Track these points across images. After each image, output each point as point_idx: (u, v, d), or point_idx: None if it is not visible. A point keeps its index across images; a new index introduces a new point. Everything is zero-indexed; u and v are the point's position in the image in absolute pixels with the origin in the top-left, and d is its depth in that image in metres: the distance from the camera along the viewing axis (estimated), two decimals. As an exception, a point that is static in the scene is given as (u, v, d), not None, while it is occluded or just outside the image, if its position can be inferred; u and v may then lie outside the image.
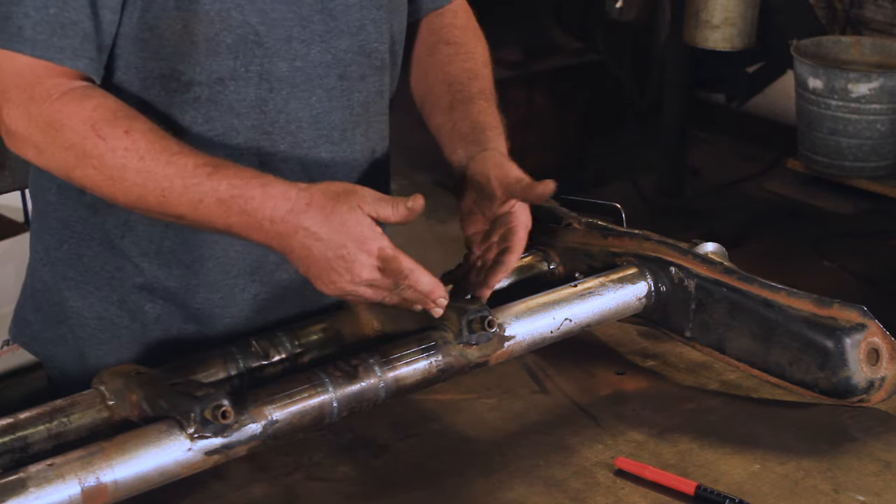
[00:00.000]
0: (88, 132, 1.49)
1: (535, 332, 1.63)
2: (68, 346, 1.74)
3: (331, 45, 1.63)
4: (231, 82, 1.58)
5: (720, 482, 1.50)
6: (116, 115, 1.50)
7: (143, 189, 1.49)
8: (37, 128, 1.50)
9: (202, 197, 1.48)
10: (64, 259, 1.71)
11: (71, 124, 1.49)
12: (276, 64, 1.59)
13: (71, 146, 1.50)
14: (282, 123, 1.62)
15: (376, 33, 1.68)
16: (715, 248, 1.75)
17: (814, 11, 5.26)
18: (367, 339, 1.63)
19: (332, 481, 1.52)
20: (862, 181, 4.83)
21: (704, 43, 4.85)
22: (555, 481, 1.51)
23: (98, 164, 1.49)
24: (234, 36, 1.56)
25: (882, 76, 4.67)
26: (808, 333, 1.62)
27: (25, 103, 1.50)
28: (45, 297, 1.75)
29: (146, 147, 1.49)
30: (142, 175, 1.49)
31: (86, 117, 1.49)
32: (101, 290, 1.69)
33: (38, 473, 1.30)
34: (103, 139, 1.49)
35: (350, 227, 1.47)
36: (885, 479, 1.52)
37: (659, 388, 1.73)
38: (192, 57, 1.56)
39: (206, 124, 1.59)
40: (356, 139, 1.69)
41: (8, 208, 3.53)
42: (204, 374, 1.55)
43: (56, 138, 1.50)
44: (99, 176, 1.50)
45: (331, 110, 1.65)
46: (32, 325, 1.78)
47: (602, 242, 1.80)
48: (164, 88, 1.57)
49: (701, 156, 5.41)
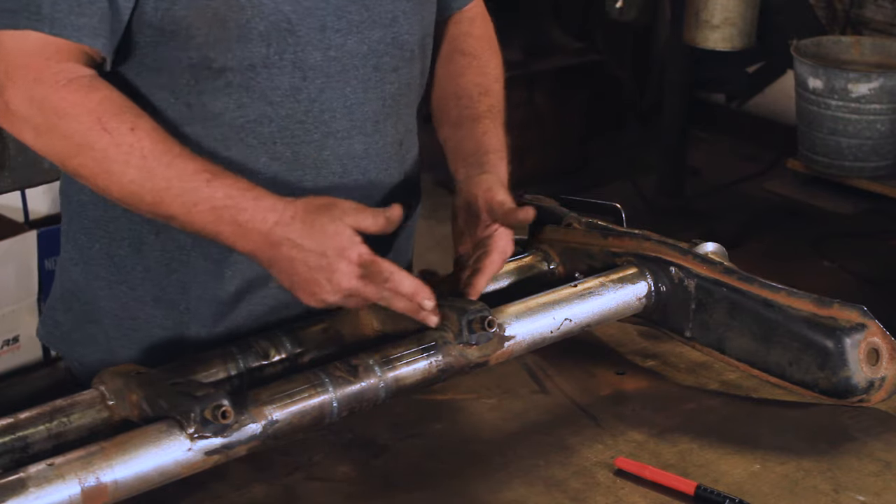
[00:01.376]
0: (94, 124, 1.50)
1: (535, 332, 1.63)
2: (99, 346, 1.74)
3: (366, 35, 1.64)
4: (263, 70, 1.59)
5: (720, 482, 1.50)
6: (122, 111, 1.52)
7: (139, 187, 1.51)
8: (39, 111, 1.51)
9: (197, 202, 1.50)
10: (96, 259, 1.71)
11: (75, 113, 1.50)
12: (309, 53, 1.60)
13: (72, 135, 1.50)
14: (315, 112, 1.63)
15: (407, 25, 1.69)
16: (715, 248, 1.75)
17: (814, 11, 5.26)
18: (367, 339, 1.63)
19: (332, 481, 1.52)
20: (862, 181, 4.83)
21: (704, 43, 4.85)
22: (555, 481, 1.51)
23: (99, 157, 1.50)
24: (266, 23, 1.57)
25: (882, 76, 4.67)
26: (808, 333, 1.62)
27: (30, 85, 1.50)
28: (77, 297, 1.76)
29: (150, 146, 1.50)
30: (142, 173, 1.50)
31: (92, 108, 1.50)
32: (134, 290, 1.70)
33: (38, 473, 1.30)
34: (108, 133, 1.50)
35: (330, 236, 1.49)
36: (885, 479, 1.52)
37: (659, 388, 1.73)
38: (224, 44, 1.56)
39: (239, 110, 1.60)
40: (387, 130, 1.71)
41: (8, 208, 3.53)
42: (204, 374, 1.55)
43: (58, 125, 1.51)
44: (97, 168, 1.51)
45: (365, 101, 1.66)
46: (62, 325, 1.78)
47: (602, 242, 1.80)
48: (194, 77, 1.58)
49: (701, 156, 5.41)
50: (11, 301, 3.33)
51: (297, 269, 1.50)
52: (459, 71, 1.84)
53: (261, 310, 1.70)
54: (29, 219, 3.61)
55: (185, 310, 1.69)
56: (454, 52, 1.86)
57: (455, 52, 1.86)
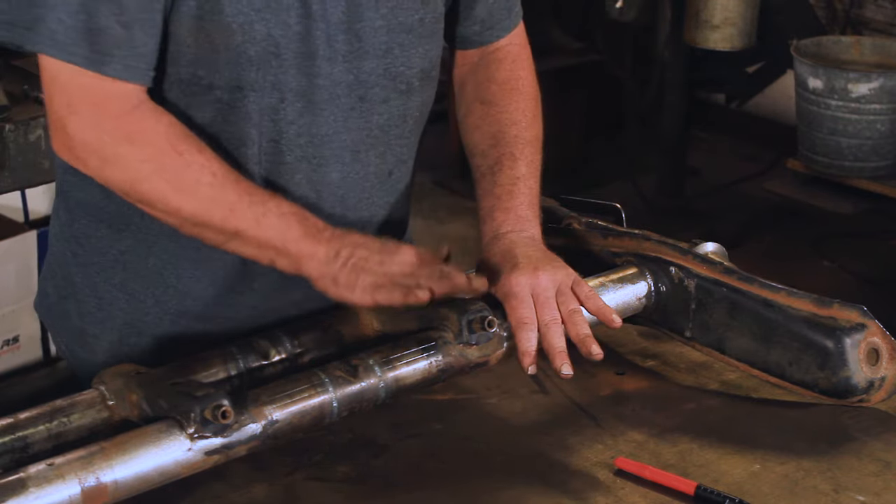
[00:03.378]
0: (166, 147, 1.54)
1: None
2: (72, 322, 1.77)
3: (353, 65, 1.63)
4: (250, 92, 1.59)
5: (720, 482, 1.50)
6: (188, 134, 1.56)
7: (211, 203, 1.54)
8: (110, 140, 1.54)
9: (265, 212, 1.54)
10: (75, 237, 1.74)
11: (148, 138, 1.54)
12: (291, 76, 1.60)
13: (147, 159, 1.54)
14: (291, 135, 1.63)
15: (403, 57, 1.67)
16: (715, 248, 1.75)
17: (814, 11, 5.26)
18: (367, 339, 1.63)
19: (332, 481, 1.52)
20: (862, 181, 4.83)
21: (704, 43, 4.85)
22: (555, 481, 1.51)
23: (172, 178, 1.54)
24: (257, 48, 1.57)
25: (882, 76, 4.67)
26: (808, 333, 1.62)
27: (95, 115, 1.53)
28: (57, 270, 1.79)
29: (218, 166, 1.55)
30: (214, 189, 1.54)
31: (161, 132, 1.54)
32: (105, 272, 1.72)
33: (38, 473, 1.30)
34: (180, 154, 1.54)
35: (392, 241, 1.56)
36: (885, 479, 1.52)
37: (659, 388, 1.73)
38: (213, 65, 1.57)
39: (225, 125, 1.61)
40: (370, 161, 1.69)
41: (8, 208, 3.53)
42: (204, 374, 1.55)
43: (129, 151, 1.54)
44: (169, 189, 1.54)
45: (345, 130, 1.66)
46: (49, 296, 1.82)
47: (602, 242, 1.80)
48: (183, 92, 1.60)
49: (701, 156, 5.41)
50: (11, 301, 3.33)
51: (358, 255, 1.53)
52: (476, 123, 1.82)
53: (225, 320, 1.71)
54: (29, 219, 3.61)
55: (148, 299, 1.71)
56: (474, 102, 1.84)
57: (475, 102, 1.83)
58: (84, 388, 1.50)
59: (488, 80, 1.83)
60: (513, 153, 1.76)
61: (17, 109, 2.69)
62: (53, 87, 1.54)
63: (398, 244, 1.55)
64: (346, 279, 1.52)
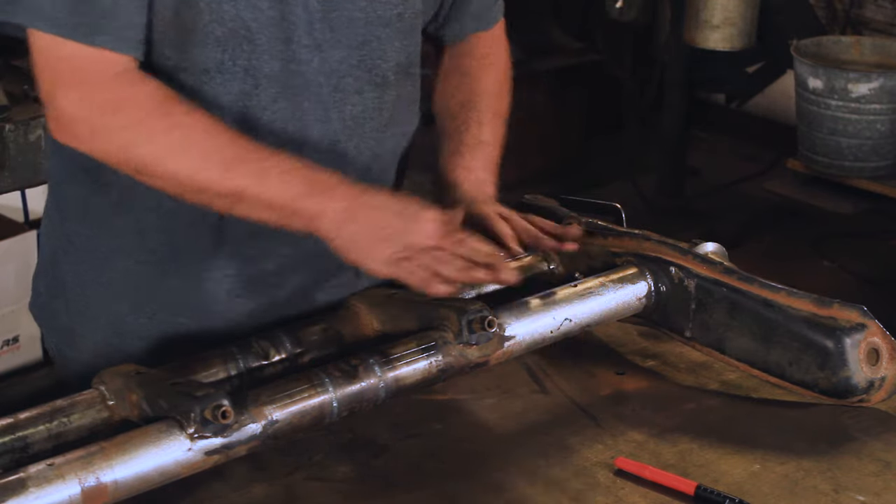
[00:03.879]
0: (153, 109, 1.52)
1: (535, 332, 1.63)
2: (62, 321, 1.76)
3: (328, 54, 1.63)
4: (217, 75, 1.58)
5: (720, 482, 1.50)
6: (174, 97, 1.54)
7: (206, 161, 1.52)
8: (96, 110, 1.52)
9: (268, 168, 1.52)
10: (65, 234, 1.73)
11: (130, 105, 1.52)
12: (265, 62, 1.59)
13: (132, 124, 1.52)
14: (265, 121, 1.61)
15: (380, 50, 1.67)
16: (715, 248, 1.75)
17: (814, 11, 5.26)
18: (367, 339, 1.63)
19: (332, 481, 1.52)
20: (862, 181, 4.83)
21: (704, 43, 4.85)
22: (555, 481, 1.51)
23: (163, 140, 1.52)
24: (224, 29, 1.56)
25: (882, 76, 4.67)
26: (808, 333, 1.62)
27: (80, 87, 1.52)
28: (48, 269, 1.79)
29: (210, 123, 1.53)
30: (208, 144, 1.52)
31: (148, 95, 1.53)
32: (94, 270, 1.71)
33: (38, 473, 1.30)
34: (169, 116, 1.52)
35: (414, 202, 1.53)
36: (885, 479, 1.52)
37: (659, 388, 1.73)
38: (181, 45, 1.56)
39: None
40: (347, 152, 1.68)
41: (8, 208, 3.53)
42: (204, 374, 1.55)
43: (115, 120, 1.52)
44: (163, 151, 1.52)
45: (323, 119, 1.65)
46: (41, 296, 1.82)
47: (602, 242, 1.80)
48: (151, 71, 1.57)
49: (701, 156, 5.41)
50: (11, 301, 3.33)
51: (380, 218, 1.50)
52: (450, 91, 1.85)
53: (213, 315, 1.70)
54: (29, 219, 3.61)
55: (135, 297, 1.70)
56: (450, 72, 1.88)
57: (452, 72, 1.87)
58: (70, 390, 1.49)
59: (467, 54, 1.87)
60: (480, 119, 1.82)
61: (17, 109, 2.69)
62: (40, 62, 1.53)
63: (419, 207, 1.52)
64: (364, 246, 1.51)
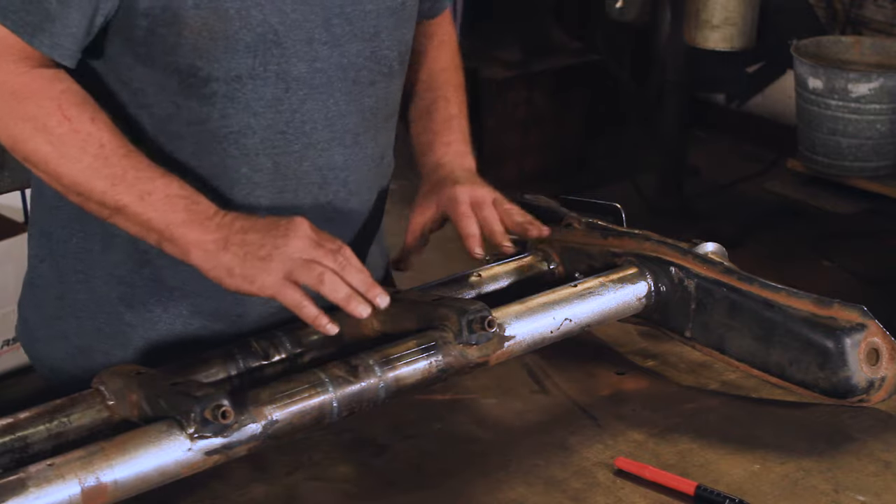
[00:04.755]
0: (54, 110, 1.53)
1: (535, 332, 1.63)
2: (68, 342, 1.74)
3: (346, 49, 1.65)
4: (249, 81, 1.59)
5: (720, 482, 1.50)
6: (84, 102, 1.54)
7: (94, 173, 1.53)
8: (5, 93, 1.53)
9: (152, 191, 1.53)
10: (73, 253, 1.72)
11: (36, 99, 1.53)
12: (294, 64, 1.61)
13: (31, 118, 1.53)
14: (296, 124, 1.64)
15: (389, 40, 1.70)
16: (715, 248, 1.75)
17: (814, 11, 5.26)
18: (367, 339, 1.63)
19: (332, 481, 1.52)
20: (862, 181, 4.84)
21: (704, 43, 4.85)
22: (555, 481, 1.51)
23: (56, 142, 1.52)
24: (253, 35, 1.57)
25: (882, 76, 4.67)
26: (808, 333, 1.62)
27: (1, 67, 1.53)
28: (46, 293, 1.77)
29: (109, 137, 1.53)
30: (98, 160, 1.53)
31: (53, 96, 1.53)
32: (106, 285, 1.70)
33: (38, 473, 1.29)
34: (68, 120, 1.52)
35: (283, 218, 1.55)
36: (885, 479, 1.52)
37: (659, 388, 1.73)
38: (211, 54, 1.57)
39: (223, 120, 1.61)
40: (367, 143, 1.72)
41: (8, 208, 3.53)
42: (204, 374, 1.55)
43: (16, 108, 1.53)
44: (52, 152, 1.53)
45: (346, 113, 1.67)
46: (29, 322, 1.80)
47: (602, 242, 1.80)
48: (181, 83, 1.59)
49: (701, 156, 5.41)
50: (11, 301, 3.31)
51: (249, 243, 1.51)
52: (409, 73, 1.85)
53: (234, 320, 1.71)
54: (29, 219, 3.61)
55: (153, 308, 1.70)
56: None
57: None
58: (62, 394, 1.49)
59: (420, 34, 1.89)
60: (445, 96, 1.90)
61: (17, 109, 2.69)
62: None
63: (288, 222, 1.53)
64: (242, 270, 1.51)
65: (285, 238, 1.51)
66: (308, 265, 1.50)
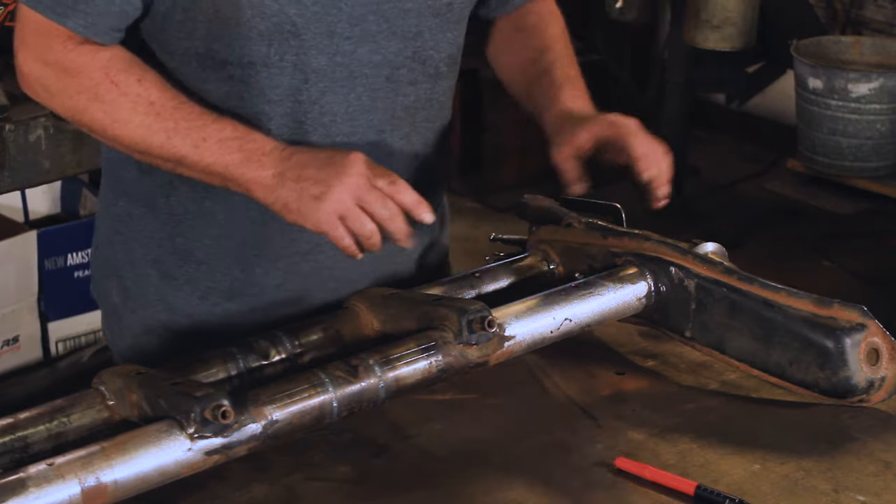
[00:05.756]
0: (102, 78, 1.59)
1: (535, 332, 1.63)
2: (111, 300, 1.82)
3: (381, 45, 1.66)
4: (263, 69, 1.62)
5: (720, 482, 1.50)
6: (130, 66, 1.60)
7: (147, 129, 1.58)
8: (52, 72, 1.61)
9: (206, 136, 1.57)
10: (118, 215, 1.79)
11: (86, 71, 1.59)
12: (313, 56, 1.63)
13: (83, 90, 1.60)
14: (315, 115, 1.66)
15: (433, 41, 1.70)
16: (715, 248, 1.75)
17: (814, 11, 5.26)
18: (367, 339, 1.63)
19: (332, 481, 1.52)
20: (862, 181, 4.83)
21: (704, 43, 4.85)
22: (555, 481, 1.51)
23: (109, 108, 1.59)
24: (267, 24, 1.60)
25: (882, 76, 4.67)
26: (808, 333, 1.62)
27: (42, 50, 1.60)
28: (100, 251, 1.85)
29: (157, 94, 1.59)
30: (149, 117, 1.58)
31: (100, 65, 1.59)
32: (142, 248, 1.76)
33: (38, 473, 1.30)
34: (116, 85, 1.59)
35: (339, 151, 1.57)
36: (885, 479, 1.52)
37: (659, 388, 1.73)
38: (224, 39, 1.61)
39: (240, 102, 1.64)
40: (394, 142, 1.72)
41: (8, 208, 3.53)
42: (204, 374, 1.55)
43: (69, 83, 1.60)
44: (107, 118, 1.60)
45: (371, 109, 1.68)
46: (96, 278, 1.88)
47: (602, 242, 1.80)
48: (200, 65, 1.63)
49: (701, 156, 5.41)
50: (11, 301, 3.33)
51: (308, 176, 1.53)
52: (517, 49, 1.88)
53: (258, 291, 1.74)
54: (29, 219, 3.61)
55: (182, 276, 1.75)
56: (512, 33, 1.90)
57: (513, 32, 1.90)
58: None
59: (526, 12, 1.89)
60: (562, 60, 1.86)
61: (17, 109, 2.69)
62: (18, 23, 1.62)
63: (343, 158, 1.54)
64: (297, 206, 1.54)
65: (339, 177, 1.53)
66: (357, 216, 1.52)
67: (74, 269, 3.43)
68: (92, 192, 3.63)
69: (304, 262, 1.73)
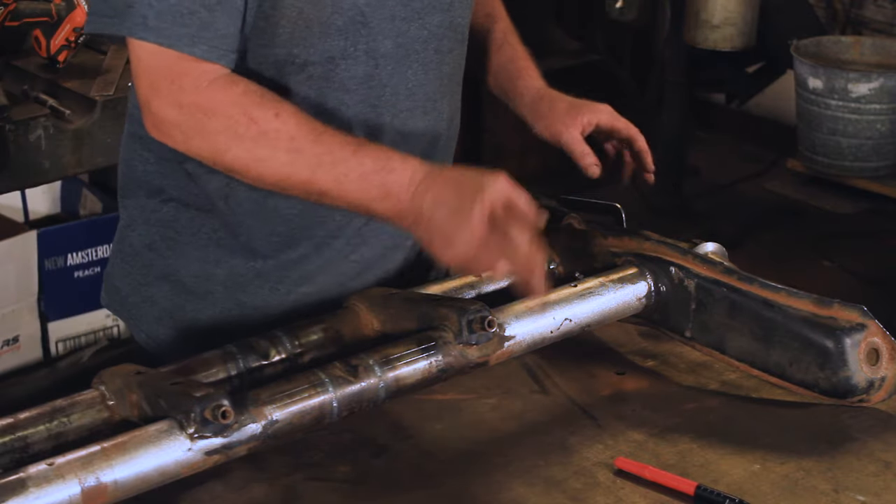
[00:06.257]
0: (240, 116, 1.56)
1: (535, 332, 1.63)
2: (156, 307, 1.81)
3: (426, 21, 1.72)
4: (342, 61, 1.66)
5: (720, 482, 1.50)
6: (264, 100, 1.58)
7: (291, 168, 1.57)
8: (189, 115, 1.57)
9: (347, 172, 1.56)
10: (165, 220, 1.79)
11: (222, 110, 1.56)
12: (381, 42, 1.68)
13: (223, 130, 1.56)
14: (387, 97, 1.71)
15: (461, 9, 1.78)
16: (715, 248, 1.75)
17: (814, 11, 5.26)
18: (367, 339, 1.63)
19: (332, 481, 1.52)
20: (862, 181, 4.83)
21: (704, 43, 4.85)
22: (555, 481, 1.51)
23: (250, 146, 1.56)
24: (344, 18, 1.64)
25: (882, 76, 4.67)
26: (808, 333, 1.62)
27: (175, 93, 1.57)
28: (135, 260, 1.83)
29: (295, 128, 1.56)
30: (291, 154, 1.56)
31: (235, 101, 1.57)
32: (198, 251, 1.77)
33: (38, 473, 1.30)
34: (255, 122, 1.56)
35: (472, 178, 1.52)
36: (885, 479, 1.52)
37: (659, 388, 1.73)
38: (307, 40, 1.64)
39: (319, 98, 1.67)
40: (443, 108, 1.79)
41: (8, 208, 3.54)
42: (204, 374, 1.55)
43: (207, 124, 1.57)
44: (249, 157, 1.57)
45: (426, 82, 1.75)
46: (121, 290, 1.86)
47: (602, 242, 1.80)
48: (278, 71, 1.66)
49: (701, 156, 5.41)
50: (11, 301, 3.34)
51: (438, 218, 1.52)
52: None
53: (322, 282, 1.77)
54: (29, 219, 3.62)
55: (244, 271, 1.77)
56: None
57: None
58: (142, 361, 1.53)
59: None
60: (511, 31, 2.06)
61: (17, 109, 2.69)
62: (139, 69, 1.59)
63: (476, 192, 1.50)
64: (432, 245, 1.53)
65: (469, 216, 1.49)
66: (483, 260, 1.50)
67: (74, 269, 3.43)
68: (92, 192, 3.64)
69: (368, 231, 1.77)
